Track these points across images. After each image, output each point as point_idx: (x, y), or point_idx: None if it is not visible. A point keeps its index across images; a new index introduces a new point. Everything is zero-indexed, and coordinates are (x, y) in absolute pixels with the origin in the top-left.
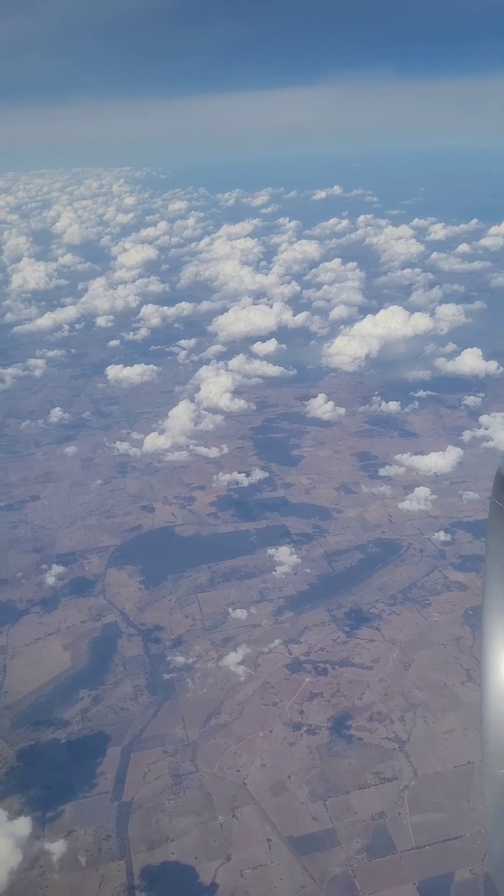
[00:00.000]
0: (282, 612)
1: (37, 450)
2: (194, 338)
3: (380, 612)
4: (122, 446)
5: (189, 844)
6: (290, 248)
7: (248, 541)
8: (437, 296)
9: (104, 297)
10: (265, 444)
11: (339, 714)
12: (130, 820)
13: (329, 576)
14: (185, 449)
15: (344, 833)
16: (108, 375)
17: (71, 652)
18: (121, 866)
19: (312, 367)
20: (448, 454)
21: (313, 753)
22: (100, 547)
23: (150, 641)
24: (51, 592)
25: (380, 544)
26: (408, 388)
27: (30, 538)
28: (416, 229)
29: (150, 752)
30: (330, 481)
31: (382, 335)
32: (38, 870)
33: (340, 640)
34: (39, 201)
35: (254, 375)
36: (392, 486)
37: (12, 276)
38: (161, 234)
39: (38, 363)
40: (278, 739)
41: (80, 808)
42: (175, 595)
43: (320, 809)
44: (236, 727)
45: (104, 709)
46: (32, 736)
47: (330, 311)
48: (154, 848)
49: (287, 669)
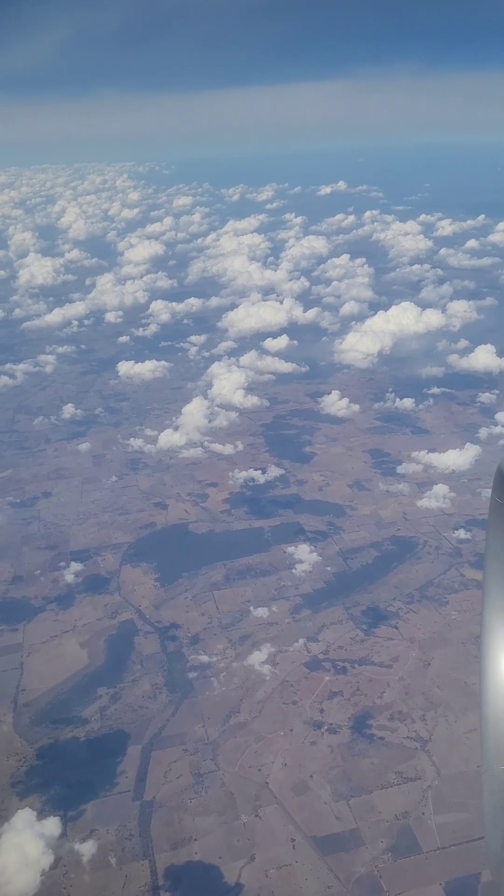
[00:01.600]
0: (299, 609)
1: (47, 446)
2: (204, 334)
3: (397, 611)
4: (136, 443)
5: (212, 844)
6: (298, 243)
7: (263, 538)
8: (448, 292)
9: (112, 293)
10: (277, 440)
11: (360, 713)
12: (153, 819)
13: (345, 573)
14: (200, 446)
15: (368, 833)
16: (119, 371)
17: (88, 650)
18: (144, 866)
19: (325, 363)
20: (466, 452)
21: (335, 752)
22: (113, 544)
23: (166, 639)
24: (66, 590)
25: (395, 542)
26: (421, 385)
27: (43, 535)
28: (423, 225)
29: (171, 750)
30: (343, 478)
31: (394, 331)
32: (62, 869)
33: (359, 638)
34: (43, 196)
35: (266, 372)
36: (408, 483)
37: (19, 271)
38: (167, 230)
39: (48, 359)
40: (299, 738)
41: (101, 807)
42: (191, 592)
43: (344, 809)
44: (256, 726)
45: (123, 707)
46: (51, 734)
47: (340, 307)
48: (177, 847)
49: (306, 668)
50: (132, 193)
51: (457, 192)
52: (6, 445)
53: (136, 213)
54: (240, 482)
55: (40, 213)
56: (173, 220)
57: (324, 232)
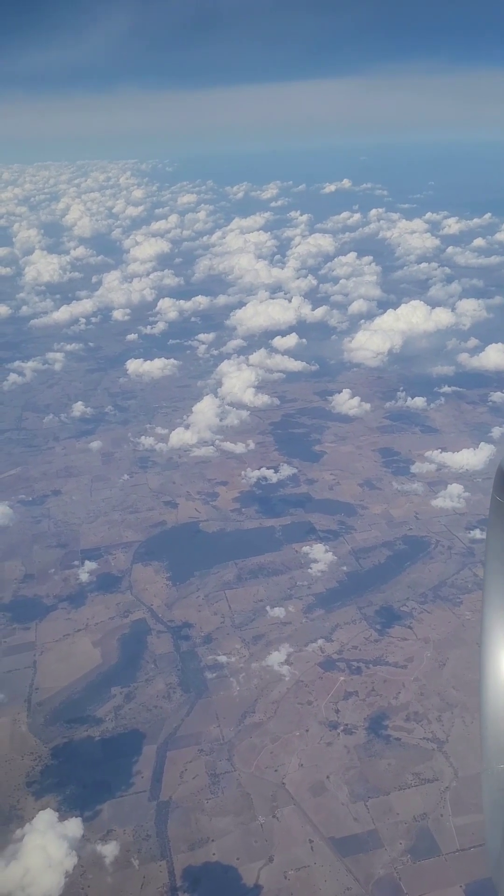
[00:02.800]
0: (312, 609)
1: (56, 444)
2: (213, 332)
3: (411, 610)
4: (148, 441)
5: (230, 845)
6: (304, 241)
7: (274, 537)
8: (457, 290)
9: (119, 291)
10: (286, 439)
11: (376, 713)
12: (169, 819)
13: (357, 573)
14: (212, 444)
15: (386, 834)
16: (128, 369)
17: (100, 648)
18: (162, 867)
19: (334, 362)
20: (480, 451)
21: (351, 753)
22: (124, 542)
23: (179, 639)
24: (77, 588)
25: (407, 541)
26: (431, 384)
27: (53, 533)
28: (429, 223)
29: (186, 750)
30: (353, 477)
31: (404, 330)
32: (79, 869)
33: (373, 638)
34: (47, 193)
35: (276, 370)
36: (420, 482)
37: (25, 268)
38: (172, 228)
39: (56, 357)
40: (315, 739)
41: (117, 808)
42: (203, 592)
43: (361, 810)
44: (272, 726)
45: (137, 706)
46: (66, 733)
47: (348, 305)
48: (195, 848)
49: (320, 668)
50: (136, 191)
51: (462, 191)
52: (14, 443)
53: (141, 211)
54: (250, 481)
55: (44, 210)
56: (178, 217)
57: (330, 230)
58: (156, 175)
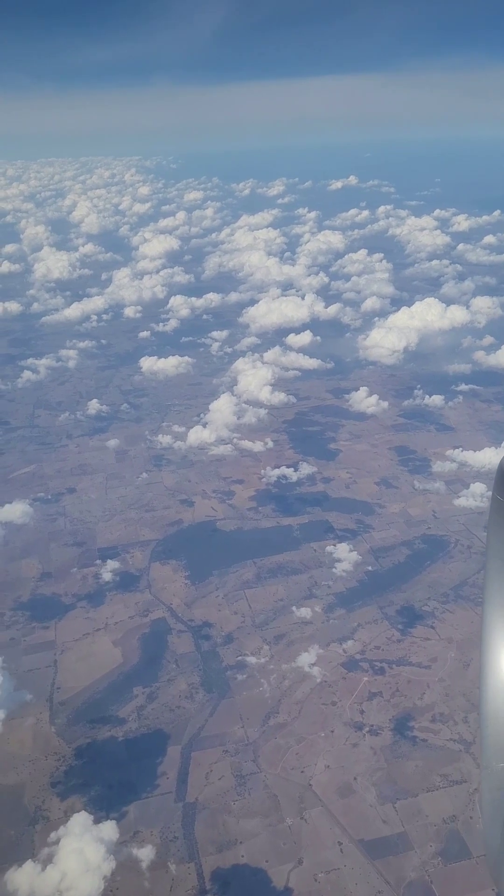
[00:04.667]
0: (332, 608)
1: (69, 441)
2: (225, 329)
3: (433, 610)
4: (165, 439)
5: (258, 847)
6: (314, 238)
7: (292, 536)
8: (469, 288)
9: (130, 288)
10: (300, 437)
11: (401, 714)
12: (196, 821)
13: (377, 572)
14: (230, 443)
15: (416, 837)
16: (143, 367)
17: (121, 648)
18: (190, 869)
19: (350, 359)
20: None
21: (377, 755)
22: (141, 541)
23: (200, 638)
24: (96, 587)
25: (426, 540)
26: (448, 382)
27: (70, 531)
28: (438, 220)
29: (211, 751)
30: (369, 476)
31: (419, 328)
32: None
33: (395, 638)
34: (52, 190)
35: (291, 368)
36: (440, 481)
37: (34, 265)
38: (180, 224)
39: (70, 354)
40: (340, 740)
41: (143, 809)
42: (222, 591)
43: (390, 812)
44: (296, 727)
45: (160, 707)
46: (89, 734)
47: (361, 302)
48: (223, 850)
49: (343, 668)
50: (142, 187)
51: (469, 188)
52: (28, 440)
53: (148, 208)
54: (267, 480)
55: (51, 206)
56: (186, 214)
57: (338, 227)
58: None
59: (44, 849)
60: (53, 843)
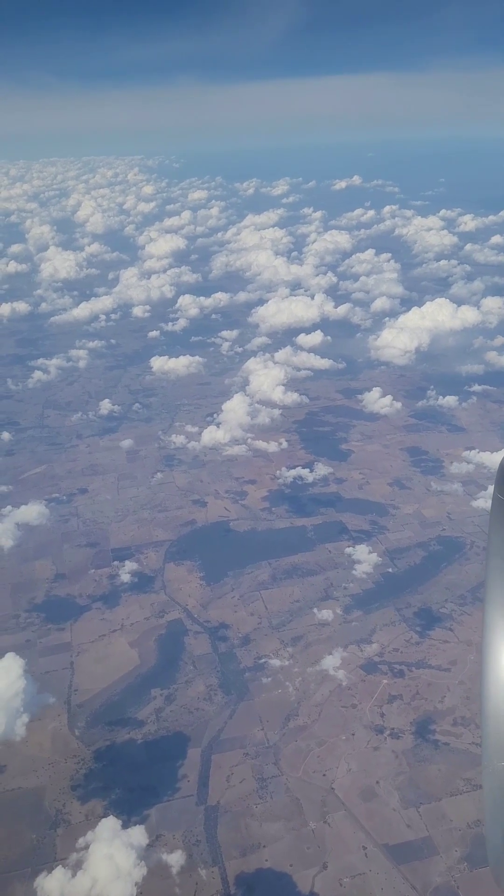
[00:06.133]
0: (349, 610)
1: (79, 441)
2: (235, 329)
3: (450, 612)
4: (179, 439)
5: (282, 851)
6: (320, 238)
7: (306, 537)
8: (479, 288)
9: (138, 288)
10: (312, 438)
11: (422, 717)
12: (219, 825)
13: (393, 574)
14: (244, 443)
15: (441, 841)
16: (153, 367)
17: (138, 649)
18: (214, 873)
19: (362, 360)
20: None
21: (399, 758)
22: (155, 541)
23: (217, 639)
24: (110, 588)
25: (442, 542)
26: (460, 383)
27: (83, 532)
28: (444, 220)
29: (231, 754)
30: (382, 476)
31: (430, 328)
32: None
33: (413, 640)
34: (55, 190)
35: (303, 368)
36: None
37: (41, 265)
38: (186, 224)
39: (80, 354)
40: (361, 743)
41: (165, 812)
42: (238, 592)
43: (414, 816)
44: (317, 729)
45: (178, 709)
46: (108, 736)
47: (370, 302)
48: (247, 854)
49: (362, 670)
50: (146, 187)
51: (473, 188)
52: (38, 441)
53: (153, 207)
54: (283, 480)
55: (54, 206)
56: (191, 214)
57: (344, 227)
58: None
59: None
60: (82, 849)
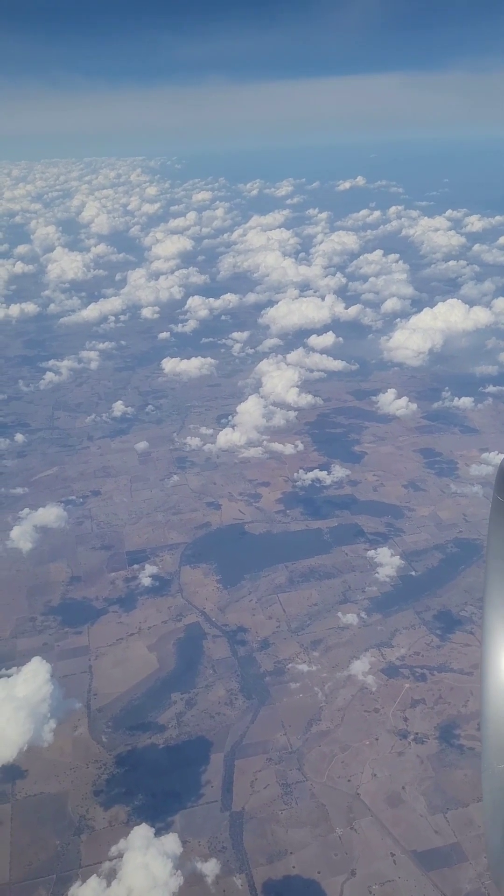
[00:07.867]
0: (369, 613)
1: (90, 443)
2: (245, 330)
3: (470, 615)
4: (193, 441)
5: (309, 857)
6: (327, 239)
7: (322, 539)
8: (490, 289)
9: (146, 289)
10: (324, 439)
11: (446, 722)
12: (244, 831)
13: (411, 576)
14: (259, 445)
15: (470, 848)
16: (165, 368)
17: (156, 653)
18: (241, 879)
19: (374, 361)
20: None
21: (424, 763)
22: (170, 544)
23: (235, 643)
24: (126, 591)
25: (459, 544)
26: (474, 384)
27: (97, 535)
28: (451, 221)
29: (254, 759)
30: (396, 478)
31: (442, 329)
32: None
33: (434, 643)
34: (59, 190)
35: (316, 369)
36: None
37: (47, 266)
38: (191, 225)
39: (91, 355)
40: (385, 748)
41: (190, 818)
42: (255, 595)
43: (441, 822)
44: (340, 734)
45: (199, 713)
46: (129, 741)
47: (381, 303)
48: (274, 861)
49: (384, 674)
50: (150, 188)
51: (478, 188)
52: (48, 443)
53: (157, 208)
54: (301, 483)
55: (59, 207)
56: (196, 214)
57: (350, 227)
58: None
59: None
60: (115, 857)
